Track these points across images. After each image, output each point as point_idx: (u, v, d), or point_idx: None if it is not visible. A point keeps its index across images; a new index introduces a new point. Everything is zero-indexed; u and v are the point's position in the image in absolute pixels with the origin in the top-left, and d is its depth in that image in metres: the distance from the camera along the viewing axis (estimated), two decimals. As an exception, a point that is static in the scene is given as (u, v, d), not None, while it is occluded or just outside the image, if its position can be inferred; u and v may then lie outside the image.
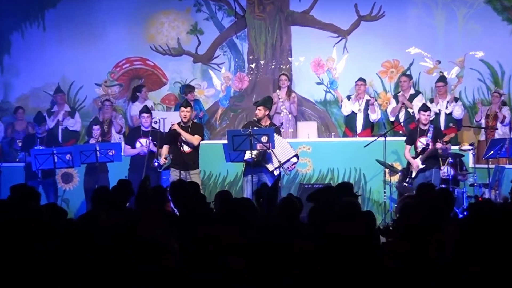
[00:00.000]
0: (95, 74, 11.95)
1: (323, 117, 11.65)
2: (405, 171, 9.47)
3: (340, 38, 11.62)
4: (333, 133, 11.29)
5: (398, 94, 10.94)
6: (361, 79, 10.94)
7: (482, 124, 10.61)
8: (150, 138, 9.32)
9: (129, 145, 9.53)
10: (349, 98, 11.01)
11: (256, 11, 11.79)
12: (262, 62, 11.84)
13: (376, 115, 10.79)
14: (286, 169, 8.77)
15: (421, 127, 9.36)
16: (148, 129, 9.47)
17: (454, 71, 11.23)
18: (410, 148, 9.44)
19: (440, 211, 5.19)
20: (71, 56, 11.92)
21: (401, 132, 10.64)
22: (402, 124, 10.64)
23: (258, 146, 8.55)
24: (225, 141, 8.91)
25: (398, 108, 10.81)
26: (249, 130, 8.47)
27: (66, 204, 10.39)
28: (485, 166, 9.43)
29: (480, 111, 10.59)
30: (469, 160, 9.76)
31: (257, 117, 8.98)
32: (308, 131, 10.83)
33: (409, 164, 9.40)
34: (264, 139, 8.49)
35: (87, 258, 3.93)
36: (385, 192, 9.50)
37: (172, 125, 8.76)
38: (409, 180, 9.27)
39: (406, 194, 8.88)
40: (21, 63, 12.12)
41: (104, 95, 11.90)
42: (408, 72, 11.30)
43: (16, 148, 10.93)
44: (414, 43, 11.35)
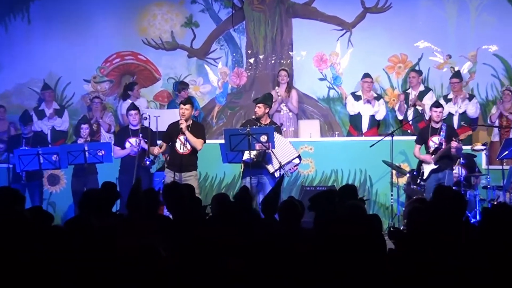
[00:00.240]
0: (84, 70, 11.91)
1: (326, 115, 11.64)
2: (415, 171, 9.42)
3: (345, 31, 11.61)
4: (336, 132, 11.29)
5: (408, 91, 10.91)
6: (366, 75, 10.93)
7: (496, 123, 10.59)
8: (141, 135, 9.31)
9: (118, 146, 9.52)
10: (354, 95, 11.00)
11: (255, 3, 11.78)
12: (261, 56, 11.82)
13: (379, 112, 10.78)
14: (287, 170, 8.75)
15: (433, 125, 9.32)
16: (137, 128, 9.45)
17: (466, 66, 11.22)
18: (421, 148, 9.41)
19: (451, 215, 5.17)
20: (58, 50, 11.89)
21: (409, 131, 10.64)
22: (410, 122, 10.62)
23: (257, 146, 8.54)
24: (222, 141, 8.92)
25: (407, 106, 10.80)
26: (248, 129, 8.46)
27: (52, 207, 10.39)
28: (499, 167, 9.44)
29: (498, 111, 10.55)
30: (482, 161, 9.76)
31: (256, 115, 8.96)
32: (310, 130, 10.84)
33: (420, 165, 9.35)
34: (263, 138, 8.49)
35: (72, 266, 3.90)
36: (392, 195, 9.50)
37: (180, 123, 8.69)
38: (419, 181, 9.24)
39: (414, 197, 8.89)
40: (5, 57, 12.09)
41: (93, 91, 11.89)
42: (417, 68, 11.29)
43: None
44: (423, 36, 11.34)
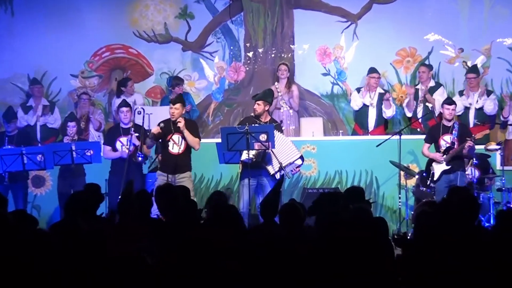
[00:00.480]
0: (71, 64, 11.89)
1: (329, 112, 11.63)
2: (425, 172, 9.40)
3: (350, 23, 11.60)
4: (341, 131, 11.30)
5: (417, 87, 10.90)
6: (373, 70, 10.91)
7: (510, 120, 10.58)
8: (133, 129, 9.32)
9: (108, 146, 9.49)
10: (359, 90, 11.00)
11: (254, -8, 11.80)
12: (260, 50, 11.82)
13: (392, 110, 10.76)
14: (288, 172, 8.73)
15: (445, 123, 9.29)
16: (128, 126, 9.47)
17: (479, 60, 11.21)
18: (430, 147, 9.39)
19: (463, 219, 5.17)
20: (43, 43, 11.87)
21: (418, 130, 10.62)
22: (420, 120, 10.61)
23: (256, 146, 8.52)
24: (219, 140, 8.89)
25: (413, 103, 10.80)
26: (246, 127, 8.44)
27: (37, 211, 10.39)
28: (515, 168, 9.44)
29: (508, 106, 10.54)
30: (496, 162, 9.75)
31: (255, 113, 8.94)
32: (312, 128, 10.86)
33: (429, 165, 9.32)
34: (262, 137, 8.46)
35: (58, 273, 3.90)
36: (400, 198, 9.49)
37: (178, 121, 8.65)
38: (429, 183, 9.22)
39: (424, 200, 8.87)
40: (-14, 51, 12.09)
41: (81, 87, 11.88)
42: (427, 62, 11.28)
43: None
44: (434, 28, 11.33)
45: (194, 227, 5.20)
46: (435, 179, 9.19)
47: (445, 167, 9.14)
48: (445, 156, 9.12)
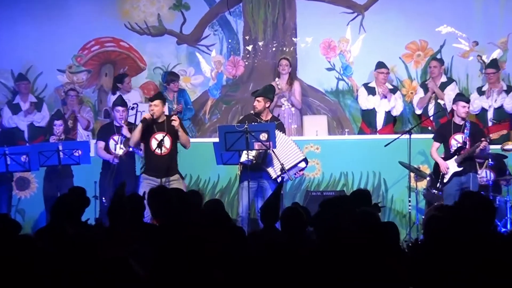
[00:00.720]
0: (58, 58, 11.86)
1: (334, 110, 11.65)
2: (434, 174, 9.41)
3: (356, 14, 11.62)
4: (346, 130, 11.28)
5: (427, 82, 10.90)
6: (381, 64, 10.91)
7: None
8: (123, 122, 9.33)
9: (102, 141, 9.46)
10: (366, 86, 10.99)
11: (254, -18, 11.81)
12: (260, 43, 11.83)
13: (395, 107, 10.78)
14: (292, 175, 8.71)
15: (456, 121, 9.27)
16: (122, 125, 9.44)
17: (495, 54, 11.22)
18: (439, 147, 9.38)
19: (477, 224, 5.15)
20: (28, 36, 11.85)
21: (430, 128, 10.63)
22: (431, 118, 10.60)
23: (256, 146, 8.50)
24: (216, 139, 8.89)
25: (427, 98, 10.79)
26: (245, 126, 8.43)
27: (21, 215, 10.38)
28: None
29: None
30: (514, 162, 9.78)
31: (255, 110, 8.92)
32: (316, 127, 10.86)
33: (438, 167, 9.33)
34: (263, 136, 8.45)
35: (42, 282, 3.90)
36: (410, 201, 9.48)
37: (173, 119, 8.55)
38: (439, 186, 9.22)
39: (435, 204, 8.87)
40: (-35, 46, 12.08)
41: (68, 83, 11.86)
42: (438, 56, 11.29)
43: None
44: (446, 20, 11.35)
45: (188, 229, 5.20)
46: (445, 181, 9.19)
47: (457, 168, 9.13)
48: (456, 157, 9.12)
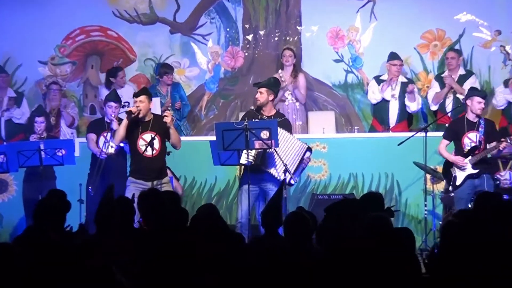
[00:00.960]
0: (39, 49, 11.86)
1: (343, 105, 11.67)
2: (444, 176, 9.36)
3: (366, 0, 11.62)
4: (356, 127, 11.26)
5: (443, 75, 10.87)
6: (394, 55, 10.89)
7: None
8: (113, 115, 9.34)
9: (94, 133, 9.46)
10: (377, 79, 10.97)
11: (254, -35, 11.80)
12: (262, 32, 11.85)
13: (416, 104, 10.75)
14: (302, 169, 8.68)
15: (470, 118, 9.25)
16: (113, 119, 9.41)
17: (520, 45, 11.26)
18: (448, 145, 9.31)
19: (498, 231, 5.12)
20: (5, 24, 11.85)
21: (447, 126, 10.56)
22: (449, 115, 10.56)
23: (257, 145, 8.45)
24: (213, 138, 8.86)
25: (444, 94, 10.77)
26: (245, 123, 8.37)
27: (-1, 221, 10.42)
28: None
29: None
30: (539, 163, 9.75)
31: (257, 103, 8.81)
32: (322, 124, 10.91)
33: (450, 166, 9.24)
34: (264, 134, 8.40)
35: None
36: (426, 205, 9.47)
37: (165, 115, 8.52)
38: (451, 189, 9.18)
39: (453, 209, 8.85)
40: None
41: (51, 76, 11.86)
42: (457, 46, 11.32)
43: None
44: (466, 7, 11.41)
45: (179, 234, 5.22)
46: (457, 183, 9.12)
47: (472, 170, 9.06)
48: (471, 157, 9.04)
